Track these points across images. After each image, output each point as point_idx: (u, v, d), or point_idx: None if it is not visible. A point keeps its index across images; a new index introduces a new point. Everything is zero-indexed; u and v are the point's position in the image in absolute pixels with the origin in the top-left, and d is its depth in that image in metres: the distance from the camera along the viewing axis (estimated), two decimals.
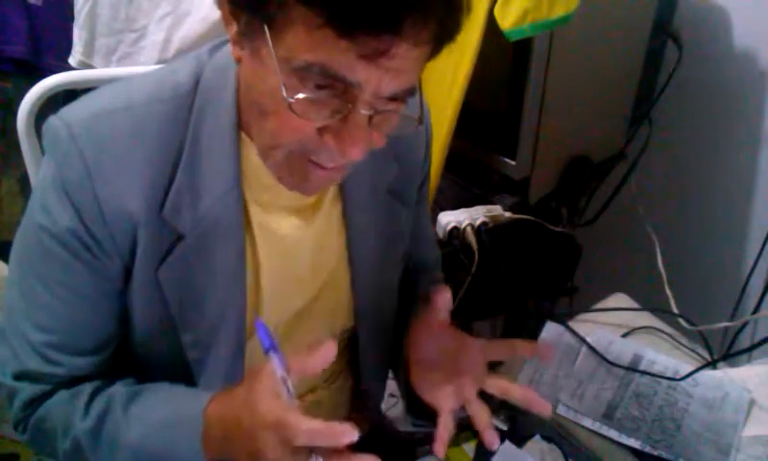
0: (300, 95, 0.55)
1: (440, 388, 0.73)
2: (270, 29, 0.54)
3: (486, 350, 0.74)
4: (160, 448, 0.65)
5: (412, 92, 0.59)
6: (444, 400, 0.72)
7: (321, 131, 0.58)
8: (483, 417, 0.70)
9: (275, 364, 0.60)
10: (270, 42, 0.54)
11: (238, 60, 0.62)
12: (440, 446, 0.68)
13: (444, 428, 0.69)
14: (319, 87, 0.55)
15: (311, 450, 0.57)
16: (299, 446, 0.56)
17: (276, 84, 0.55)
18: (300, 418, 0.56)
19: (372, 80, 0.54)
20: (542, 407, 0.69)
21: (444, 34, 0.57)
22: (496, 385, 0.72)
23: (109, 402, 0.67)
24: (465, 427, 0.98)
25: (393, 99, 0.58)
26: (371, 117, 0.57)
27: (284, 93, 0.55)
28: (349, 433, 0.55)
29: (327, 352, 0.60)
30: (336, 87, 0.55)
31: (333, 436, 0.55)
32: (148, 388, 0.70)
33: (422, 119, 0.64)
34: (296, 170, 0.63)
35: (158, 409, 0.67)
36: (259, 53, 0.56)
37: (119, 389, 0.69)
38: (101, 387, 0.69)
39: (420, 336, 0.76)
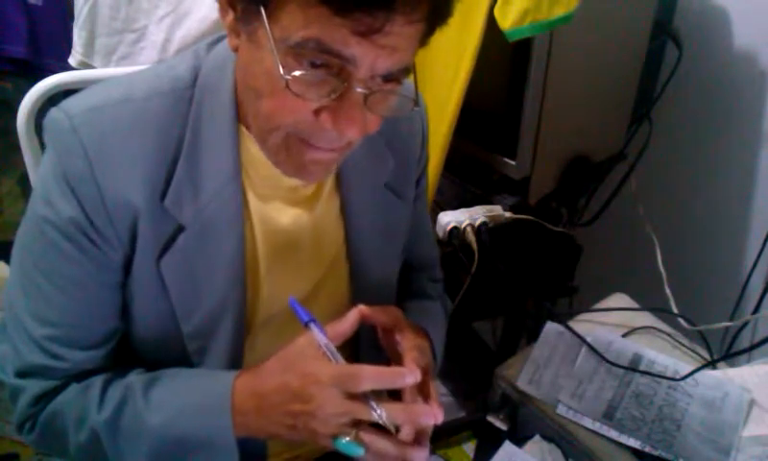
0: (297, 72, 0.55)
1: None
2: (266, 10, 0.55)
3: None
4: (187, 429, 0.65)
5: (406, 71, 0.60)
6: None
7: (317, 112, 0.59)
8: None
9: (316, 333, 0.64)
10: (266, 23, 0.55)
11: (235, 50, 0.63)
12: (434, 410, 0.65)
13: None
14: (314, 66, 0.56)
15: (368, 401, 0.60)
16: (356, 397, 0.59)
17: (272, 64, 0.56)
18: (361, 366, 0.60)
19: (367, 57, 0.55)
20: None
21: (437, 14, 0.58)
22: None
23: (126, 392, 0.68)
24: (465, 427, 0.98)
25: (388, 79, 0.58)
26: (366, 97, 0.58)
27: (281, 71, 0.55)
28: (412, 373, 0.60)
29: (354, 317, 0.67)
30: (332, 65, 0.56)
31: (399, 376, 0.60)
32: (165, 373, 0.70)
33: (418, 102, 0.64)
34: (293, 153, 0.63)
35: (181, 392, 0.68)
36: (256, 35, 0.57)
37: (134, 377, 0.69)
38: (113, 378, 0.70)
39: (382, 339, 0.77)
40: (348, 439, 0.60)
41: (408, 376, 0.60)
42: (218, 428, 0.64)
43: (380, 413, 0.59)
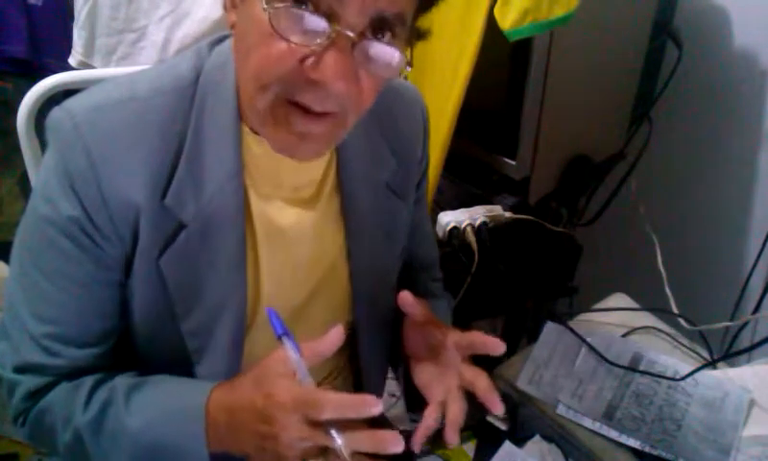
0: (279, 4, 0.54)
1: (431, 380, 0.73)
2: None
3: (459, 342, 0.73)
4: (162, 437, 0.65)
5: (401, 20, 0.57)
6: (433, 392, 0.72)
7: (303, 61, 0.56)
8: (454, 410, 0.69)
9: (288, 349, 0.61)
10: None
11: (232, 26, 0.63)
12: (418, 437, 0.68)
13: (428, 418, 0.69)
14: (299, 1, 0.54)
15: (332, 431, 0.57)
16: (318, 423, 0.57)
17: (260, 11, 0.55)
18: (324, 392, 0.57)
19: None
20: (496, 407, 0.68)
21: None
22: (467, 376, 0.71)
23: (111, 394, 0.68)
24: (465, 427, 0.97)
25: (380, 28, 0.56)
26: (354, 44, 0.55)
27: (264, 5, 0.54)
28: (376, 404, 0.56)
29: (336, 336, 0.62)
30: (319, 5, 0.54)
31: (362, 406, 0.56)
32: (150, 379, 0.70)
33: (411, 63, 0.61)
34: (281, 119, 0.60)
35: (161, 398, 0.68)
36: None
37: (121, 380, 0.69)
38: (102, 380, 0.70)
39: (409, 332, 0.77)
40: None
41: (373, 406, 0.56)
42: (191, 438, 0.63)
43: (341, 444, 0.56)
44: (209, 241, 0.68)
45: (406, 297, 0.72)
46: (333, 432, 0.57)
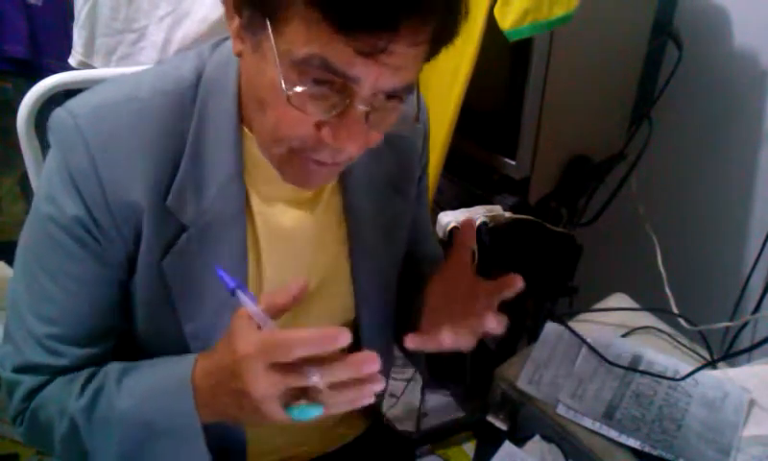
0: (299, 88, 0.56)
1: (442, 327, 0.68)
2: (271, 23, 0.55)
3: (489, 289, 0.71)
4: (153, 414, 0.64)
5: (410, 90, 0.60)
6: (442, 334, 0.67)
7: (318, 126, 0.59)
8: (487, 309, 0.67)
9: (244, 300, 0.58)
10: (271, 36, 0.55)
11: (239, 55, 0.63)
12: (416, 339, 0.66)
13: (428, 328, 0.68)
14: (317, 82, 0.56)
15: (305, 369, 0.54)
16: (290, 366, 0.53)
17: (275, 77, 0.56)
18: (287, 332, 0.54)
19: (371, 76, 0.55)
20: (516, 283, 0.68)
21: (443, 35, 0.58)
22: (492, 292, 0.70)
23: (103, 380, 0.67)
24: (465, 427, 0.98)
25: (391, 97, 0.59)
26: (368, 114, 0.58)
27: (283, 86, 0.55)
28: (344, 334, 0.53)
29: (295, 287, 0.60)
30: (334, 83, 0.56)
31: (331, 338, 0.52)
32: (141, 362, 0.69)
33: (419, 117, 0.65)
34: (296, 166, 0.64)
35: (149, 377, 0.67)
36: (260, 46, 0.57)
37: (112, 366, 0.69)
38: (96, 371, 0.69)
39: (437, 284, 0.74)
40: (300, 404, 0.55)
41: (340, 336, 0.52)
42: (181, 411, 0.62)
43: (317, 378, 0.53)
44: (211, 243, 0.68)
45: (467, 232, 0.73)
46: (307, 370, 0.53)
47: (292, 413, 0.55)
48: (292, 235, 0.74)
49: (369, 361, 0.54)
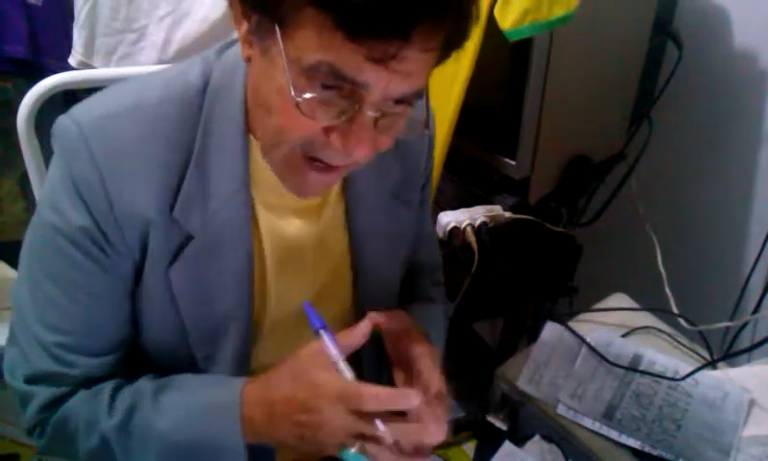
0: (308, 95, 0.55)
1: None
2: (281, 29, 0.54)
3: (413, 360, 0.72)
4: (195, 434, 0.65)
5: (419, 95, 0.59)
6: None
7: (327, 130, 0.58)
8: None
9: (327, 342, 0.64)
10: (280, 42, 0.54)
11: (247, 60, 0.62)
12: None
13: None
14: (326, 88, 0.55)
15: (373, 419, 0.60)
16: (362, 413, 0.59)
17: (284, 82, 0.55)
18: (367, 386, 0.60)
19: (381, 82, 0.54)
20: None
21: (453, 41, 0.58)
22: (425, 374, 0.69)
23: (136, 397, 0.67)
24: (465, 427, 0.98)
25: (400, 102, 0.58)
26: (377, 119, 0.58)
27: (292, 92, 0.55)
28: (415, 396, 0.60)
29: (365, 328, 0.67)
30: (344, 88, 0.55)
31: (403, 399, 0.60)
32: (175, 379, 0.70)
33: (428, 123, 0.65)
34: (294, 169, 0.63)
35: (190, 396, 0.67)
36: (269, 52, 0.57)
37: (144, 383, 0.69)
38: (122, 384, 0.70)
39: (386, 338, 0.76)
40: (354, 450, 0.60)
41: (413, 398, 0.60)
42: (227, 433, 0.64)
43: (385, 432, 0.60)
44: (217, 253, 0.68)
45: (372, 317, 0.71)
46: (377, 422, 0.60)
47: (344, 454, 0.61)
48: (297, 243, 0.74)
49: (434, 434, 0.63)
